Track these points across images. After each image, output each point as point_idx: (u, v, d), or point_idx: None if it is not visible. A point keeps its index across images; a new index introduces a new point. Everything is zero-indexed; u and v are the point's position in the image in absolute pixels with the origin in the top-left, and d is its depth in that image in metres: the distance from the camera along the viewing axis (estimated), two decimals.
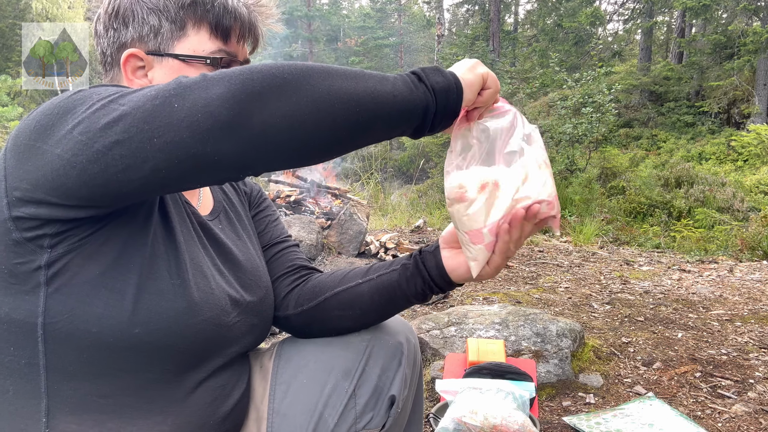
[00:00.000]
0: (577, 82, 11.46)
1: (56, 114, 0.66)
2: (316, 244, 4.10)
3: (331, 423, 0.99)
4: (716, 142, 15.93)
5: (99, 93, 0.66)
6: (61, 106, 0.67)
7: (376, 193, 7.31)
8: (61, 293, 0.73)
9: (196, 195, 0.99)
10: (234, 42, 0.91)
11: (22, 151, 0.68)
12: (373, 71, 0.72)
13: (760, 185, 10.49)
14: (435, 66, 0.77)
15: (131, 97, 0.64)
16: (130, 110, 0.62)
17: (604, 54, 20.60)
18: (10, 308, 0.74)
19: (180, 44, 0.88)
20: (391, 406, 1.04)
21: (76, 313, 0.74)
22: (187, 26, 0.88)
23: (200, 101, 0.61)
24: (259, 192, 1.17)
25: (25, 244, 0.72)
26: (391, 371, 1.04)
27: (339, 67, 0.70)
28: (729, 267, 4.59)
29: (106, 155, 0.62)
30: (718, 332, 2.80)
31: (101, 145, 0.62)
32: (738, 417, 1.94)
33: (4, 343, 0.76)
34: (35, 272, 0.73)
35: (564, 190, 9.49)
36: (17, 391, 0.76)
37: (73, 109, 0.65)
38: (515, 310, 2.54)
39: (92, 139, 0.63)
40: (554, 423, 1.92)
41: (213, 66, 0.88)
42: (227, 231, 1.00)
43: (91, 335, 0.74)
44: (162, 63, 0.88)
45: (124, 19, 0.87)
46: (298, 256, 1.13)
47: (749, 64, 16.52)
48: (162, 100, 0.62)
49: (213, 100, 0.61)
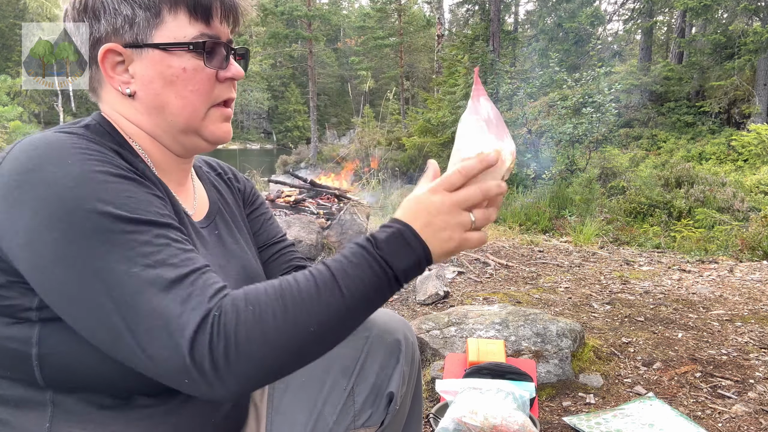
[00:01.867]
0: (577, 82, 11.46)
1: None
2: (316, 244, 4.10)
3: (330, 420, 1.00)
4: (716, 142, 15.93)
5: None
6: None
7: (377, 193, 7.30)
8: (56, 326, 0.72)
9: (191, 197, 0.97)
10: (216, 23, 0.85)
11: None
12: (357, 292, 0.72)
13: (761, 185, 10.48)
14: (405, 243, 0.75)
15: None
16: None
17: (604, 54, 20.58)
18: (4, 338, 0.74)
19: (159, 32, 0.81)
20: (389, 404, 1.05)
21: (73, 346, 0.73)
22: (162, 12, 0.81)
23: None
24: (252, 189, 1.15)
25: (13, 287, 0.72)
26: (390, 368, 1.05)
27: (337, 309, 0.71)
28: (729, 267, 4.59)
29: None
30: (719, 332, 2.80)
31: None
32: (738, 417, 1.94)
33: (2, 368, 0.76)
34: (26, 311, 0.73)
35: (564, 190, 9.49)
36: (19, 400, 0.76)
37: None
38: (515, 310, 2.54)
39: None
40: (554, 423, 1.92)
41: (197, 52, 0.82)
42: (224, 236, 0.99)
43: (90, 367, 0.74)
44: (142, 55, 0.81)
45: (95, 12, 0.81)
46: (295, 256, 1.13)
47: (749, 64, 16.51)
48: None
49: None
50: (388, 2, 28.36)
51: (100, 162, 0.72)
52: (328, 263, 0.74)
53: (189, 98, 0.83)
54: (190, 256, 0.71)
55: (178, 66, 0.82)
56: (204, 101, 0.85)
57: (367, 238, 0.76)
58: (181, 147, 0.88)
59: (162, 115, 0.84)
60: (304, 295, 0.70)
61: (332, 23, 31.84)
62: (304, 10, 23.86)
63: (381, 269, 0.73)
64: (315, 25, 26.49)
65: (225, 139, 0.90)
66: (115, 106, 0.84)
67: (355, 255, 0.74)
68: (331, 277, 0.72)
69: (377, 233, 0.76)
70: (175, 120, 0.84)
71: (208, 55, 0.83)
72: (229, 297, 0.68)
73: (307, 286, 0.70)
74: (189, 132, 0.86)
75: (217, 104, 0.87)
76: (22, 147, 0.72)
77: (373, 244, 0.75)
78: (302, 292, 0.70)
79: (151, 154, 0.86)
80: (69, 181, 0.68)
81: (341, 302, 0.71)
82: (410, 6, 31.19)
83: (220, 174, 1.10)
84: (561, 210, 8.87)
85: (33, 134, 0.75)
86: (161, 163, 0.88)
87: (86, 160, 0.71)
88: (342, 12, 40.56)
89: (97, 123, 0.82)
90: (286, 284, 0.71)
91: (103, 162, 0.72)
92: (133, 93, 0.83)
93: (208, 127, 0.87)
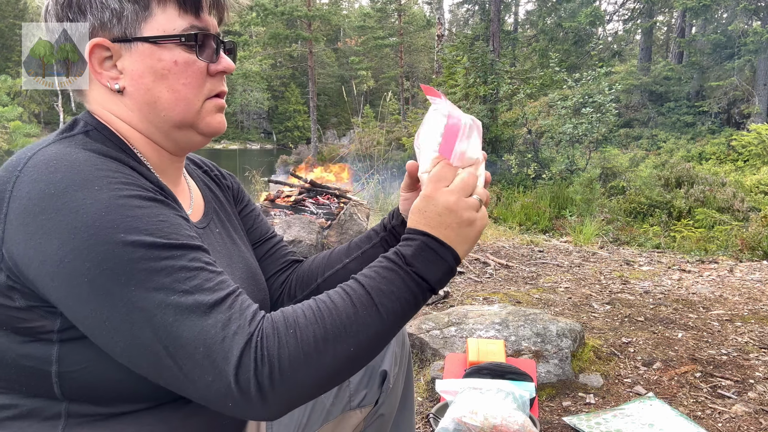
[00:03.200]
0: (577, 82, 11.47)
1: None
2: (316, 244, 4.10)
3: (326, 403, 1.05)
4: (716, 142, 15.94)
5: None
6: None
7: (377, 193, 7.30)
8: (77, 344, 0.72)
9: (188, 197, 0.96)
10: (205, 15, 0.83)
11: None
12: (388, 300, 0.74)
13: (761, 185, 10.49)
14: (438, 256, 0.78)
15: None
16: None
17: (604, 54, 20.59)
18: (19, 355, 0.73)
19: (148, 26, 0.79)
20: (383, 383, 1.08)
21: (95, 362, 0.72)
22: (151, 4, 0.79)
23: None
24: (239, 186, 1.15)
25: (34, 310, 0.71)
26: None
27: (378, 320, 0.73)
28: (729, 267, 4.59)
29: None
30: (718, 332, 2.80)
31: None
32: (738, 417, 1.94)
33: (16, 383, 0.75)
34: (47, 333, 0.72)
35: (564, 190, 9.49)
36: (31, 410, 0.75)
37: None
38: (515, 310, 2.54)
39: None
40: (554, 423, 1.92)
41: (188, 45, 0.81)
42: (223, 235, 0.98)
43: (112, 381, 0.73)
44: (131, 50, 0.79)
45: (80, 8, 0.78)
46: (288, 251, 1.14)
47: (749, 64, 16.52)
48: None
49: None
50: (388, 2, 28.38)
51: (125, 185, 0.70)
52: (360, 279, 0.75)
53: (181, 92, 0.82)
54: (223, 279, 0.71)
55: (169, 59, 0.80)
56: (197, 94, 0.83)
57: (395, 253, 0.78)
58: (173, 144, 0.87)
59: (154, 111, 0.82)
60: (343, 317, 0.70)
61: (332, 23, 31.83)
62: (304, 10, 23.85)
63: (416, 285, 0.76)
64: (315, 25, 26.49)
65: (220, 131, 0.88)
66: (104, 104, 0.82)
67: (388, 271, 0.75)
68: (366, 295, 0.73)
69: (402, 249, 0.78)
70: (168, 114, 0.82)
71: (199, 48, 0.82)
72: (268, 320, 0.68)
73: (344, 306, 0.71)
74: (184, 126, 0.85)
75: (210, 96, 0.86)
76: (38, 167, 0.69)
77: (404, 260, 0.76)
78: (341, 314, 0.70)
79: (146, 154, 0.85)
80: (98, 208, 0.66)
81: (378, 322, 0.72)
82: (410, 6, 31.22)
83: (207, 171, 1.09)
84: (561, 210, 8.88)
85: (45, 149, 0.72)
86: (157, 163, 0.86)
87: (112, 183, 0.69)
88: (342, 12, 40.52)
89: (94, 128, 0.80)
90: (324, 305, 0.71)
91: (129, 185, 0.71)
92: (122, 89, 0.81)
93: (204, 119, 0.86)
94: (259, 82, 41.49)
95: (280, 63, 41.46)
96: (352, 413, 1.08)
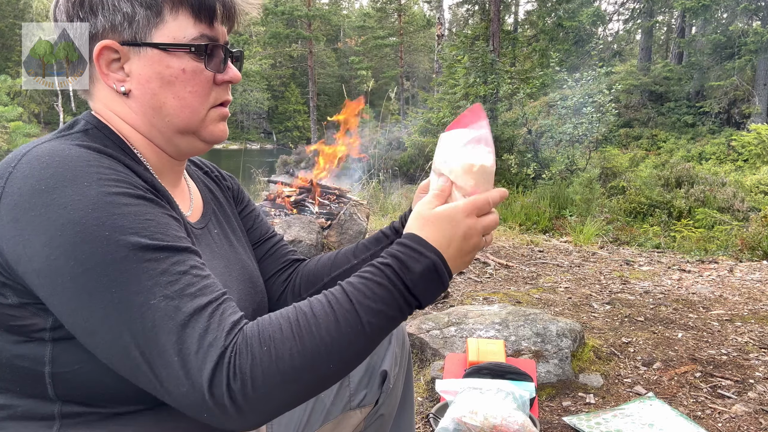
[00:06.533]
0: (577, 82, 11.46)
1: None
2: (316, 244, 4.10)
3: (327, 402, 1.06)
4: (716, 142, 15.95)
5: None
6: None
7: (377, 193, 7.30)
8: (70, 344, 0.72)
9: (187, 198, 0.96)
10: (218, 25, 0.84)
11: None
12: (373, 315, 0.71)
13: (761, 185, 10.49)
14: (430, 267, 0.75)
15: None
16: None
17: (605, 54, 20.59)
18: (13, 356, 0.73)
19: (158, 32, 0.79)
20: (383, 383, 1.08)
21: (88, 363, 0.72)
22: (163, 11, 0.79)
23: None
24: (239, 187, 1.15)
25: (27, 307, 0.71)
26: (382, 349, 1.11)
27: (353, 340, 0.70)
28: (729, 267, 4.59)
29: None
30: (718, 332, 2.80)
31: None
32: (738, 417, 1.94)
33: (10, 383, 0.75)
34: (40, 331, 0.72)
35: (564, 190, 9.48)
36: (25, 412, 0.75)
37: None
38: (515, 310, 2.54)
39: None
40: (554, 423, 1.92)
41: (197, 54, 0.81)
42: (221, 237, 0.98)
43: (106, 382, 0.73)
44: (140, 54, 0.79)
45: (92, 8, 0.78)
46: (288, 250, 1.14)
47: (750, 64, 16.52)
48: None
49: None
50: (388, 2, 28.38)
51: (115, 182, 0.70)
52: (347, 290, 0.72)
53: (187, 99, 0.82)
54: (207, 284, 0.70)
55: (178, 67, 0.80)
56: (202, 102, 0.84)
57: (398, 265, 0.74)
58: (175, 149, 0.87)
59: (159, 115, 0.82)
60: (323, 334, 0.68)
61: (332, 23, 31.87)
62: (304, 10, 23.86)
63: (407, 304, 0.74)
64: (315, 25, 26.51)
65: (222, 139, 0.89)
66: (109, 104, 0.83)
67: (381, 288, 0.72)
68: (352, 310, 0.70)
69: (410, 263, 0.74)
70: (172, 120, 0.83)
71: (208, 57, 0.82)
72: (243, 334, 0.67)
73: (326, 321, 0.68)
74: (187, 133, 0.85)
75: (215, 105, 0.87)
76: (31, 163, 0.69)
77: (404, 277, 0.73)
78: (321, 330, 0.68)
79: (146, 156, 0.85)
80: (85, 205, 0.66)
81: (363, 340, 0.70)
82: (410, 6, 31.22)
83: (207, 172, 1.09)
84: (561, 210, 8.87)
85: (41, 145, 0.72)
86: (157, 165, 0.86)
87: (102, 180, 0.69)
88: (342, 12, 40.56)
89: (94, 127, 0.80)
90: (303, 318, 0.69)
91: (119, 182, 0.70)
92: (128, 91, 0.81)
93: (207, 128, 0.86)
94: (259, 82, 41.48)
95: (280, 63, 41.45)
96: (352, 413, 1.09)
